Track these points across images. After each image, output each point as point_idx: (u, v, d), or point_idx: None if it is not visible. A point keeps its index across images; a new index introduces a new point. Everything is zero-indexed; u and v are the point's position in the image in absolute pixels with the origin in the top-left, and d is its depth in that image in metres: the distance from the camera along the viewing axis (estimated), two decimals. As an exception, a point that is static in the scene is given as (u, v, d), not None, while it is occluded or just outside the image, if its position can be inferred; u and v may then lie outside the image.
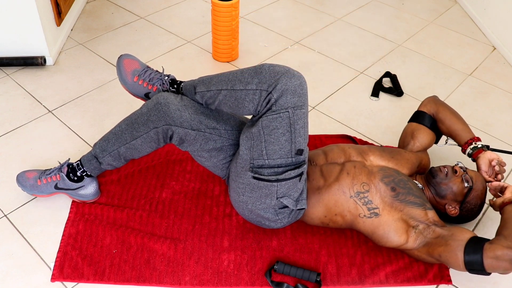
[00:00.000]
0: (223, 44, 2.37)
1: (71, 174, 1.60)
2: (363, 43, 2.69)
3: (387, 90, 2.31)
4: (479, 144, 1.65)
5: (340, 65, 2.50)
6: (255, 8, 2.97)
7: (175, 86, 1.58)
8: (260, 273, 1.48)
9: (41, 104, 2.11)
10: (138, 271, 1.46)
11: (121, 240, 1.53)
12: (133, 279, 1.44)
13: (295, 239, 1.58)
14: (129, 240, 1.53)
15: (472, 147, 1.65)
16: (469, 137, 1.67)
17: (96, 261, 1.48)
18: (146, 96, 1.60)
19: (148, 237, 1.54)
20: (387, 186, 1.47)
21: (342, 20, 2.91)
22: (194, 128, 1.46)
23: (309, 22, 2.86)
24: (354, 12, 3.00)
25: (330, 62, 2.52)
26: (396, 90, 2.30)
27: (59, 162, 1.70)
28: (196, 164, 1.82)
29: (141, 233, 1.55)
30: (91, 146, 1.89)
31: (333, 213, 1.49)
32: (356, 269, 1.50)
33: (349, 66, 2.49)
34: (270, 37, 2.69)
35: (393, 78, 2.38)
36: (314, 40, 2.69)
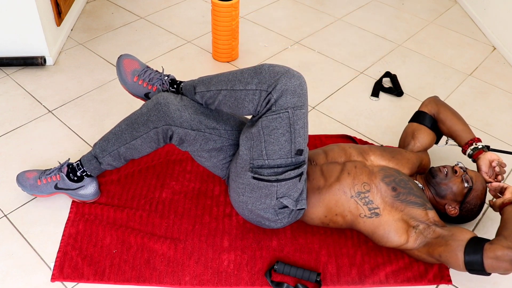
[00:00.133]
0: (223, 44, 2.37)
1: (71, 174, 1.60)
2: (363, 43, 2.69)
3: (387, 90, 2.31)
4: (479, 145, 1.65)
5: (340, 65, 2.50)
6: (255, 8, 2.97)
7: (175, 86, 1.57)
8: (260, 273, 1.48)
9: (41, 104, 2.11)
10: (138, 271, 1.46)
11: (121, 240, 1.53)
12: (133, 279, 1.44)
13: (295, 239, 1.58)
14: (129, 240, 1.53)
15: (473, 147, 1.65)
16: (470, 137, 1.67)
17: (96, 261, 1.48)
18: (146, 96, 1.60)
19: (148, 237, 1.54)
20: (388, 186, 1.47)
21: (342, 20, 2.91)
22: (194, 128, 1.45)
23: (309, 22, 2.86)
24: (354, 12, 3.00)
25: (330, 62, 2.52)
26: (396, 90, 2.30)
27: (59, 162, 1.70)
28: (196, 164, 1.82)
29: (141, 233, 1.55)
30: (91, 146, 1.89)
31: (333, 213, 1.49)
32: (356, 269, 1.50)
33: (349, 66, 2.49)
34: (270, 37, 2.69)
35: (393, 78, 2.38)
36: (314, 40, 2.69)
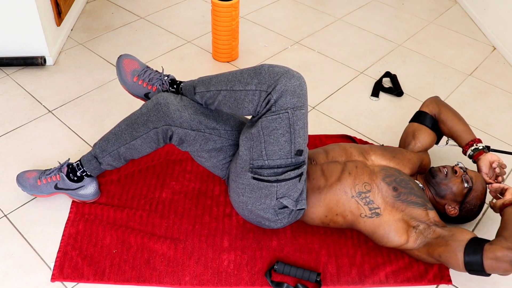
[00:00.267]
0: (223, 44, 2.37)
1: (71, 174, 1.60)
2: (363, 43, 2.69)
3: (387, 90, 2.31)
4: (480, 145, 1.65)
5: (340, 65, 2.50)
6: (255, 8, 2.97)
7: (174, 86, 1.57)
8: (260, 273, 1.48)
9: (41, 104, 2.11)
10: (138, 271, 1.46)
11: (121, 240, 1.53)
12: (133, 279, 1.44)
13: (295, 239, 1.58)
14: (129, 240, 1.53)
15: (473, 148, 1.65)
16: (470, 138, 1.67)
17: (96, 261, 1.48)
18: (146, 96, 1.60)
19: (148, 237, 1.54)
20: (388, 186, 1.47)
21: (342, 20, 2.91)
22: (193, 128, 1.45)
23: (309, 22, 2.86)
24: (354, 12, 3.00)
25: (330, 62, 2.52)
26: (396, 90, 2.30)
27: (59, 162, 1.70)
28: (196, 164, 1.82)
29: (141, 233, 1.55)
30: (91, 146, 1.89)
31: (334, 213, 1.49)
32: (356, 269, 1.50)
33: (349, 66, 2.49)
34: (270, 37, 2.69)
35: (393, 78, 2.38)
36: (314, 40, 2.69)
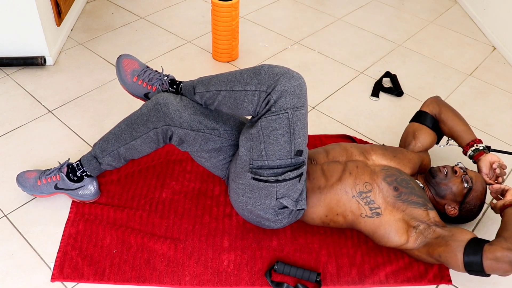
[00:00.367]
0: (223, 44, 2.37)
1: (71, 174, 1.60)
2: (363, 43, 2.69)
3: (387, 90, 2.31)
4: (480, 146, 1.65)
5: (340, 65, 2.50)
6: (255, 8, 2.97)
7: (174, 87, 1.57)
8: (260, 273, 1.48)
9: (41, 104, 2.11)
10: (138, 271, 1.46)
11: (121, 240, 1.53)
12: (133, 279, 1.44)
13: (295, 239, 1.58)
14: (129, 240, 1.53)
15: (474, 149, 1.65)
16: (471, 139, 1.67)
17: (96, 261, 1.48)
18: (146, 96, 1.60)
19: (148, 237, 1.54)
20: (389, 186, 1.47)
21: (342, 20, 2.91)
22: (193, 128, 1.45)
23: (309, 22, 2.86)
24: (354, 12, 3.00)
25: (330, 62, 2.52)
26: (396, 90, 2.30)
27: (59, 162, 1.70)
28: (196, 164, 1.82)
29: (141, 233, 1.55)
30: (91, 146, 1.89)
31: (334, 212, 1.49)
32: (356, 269, 1.50)
33: (349, 66, 2.49)
34: (270, 37, 2.69)
35: (393, 78, 2.38)
36: (314, 40, 2.69)
